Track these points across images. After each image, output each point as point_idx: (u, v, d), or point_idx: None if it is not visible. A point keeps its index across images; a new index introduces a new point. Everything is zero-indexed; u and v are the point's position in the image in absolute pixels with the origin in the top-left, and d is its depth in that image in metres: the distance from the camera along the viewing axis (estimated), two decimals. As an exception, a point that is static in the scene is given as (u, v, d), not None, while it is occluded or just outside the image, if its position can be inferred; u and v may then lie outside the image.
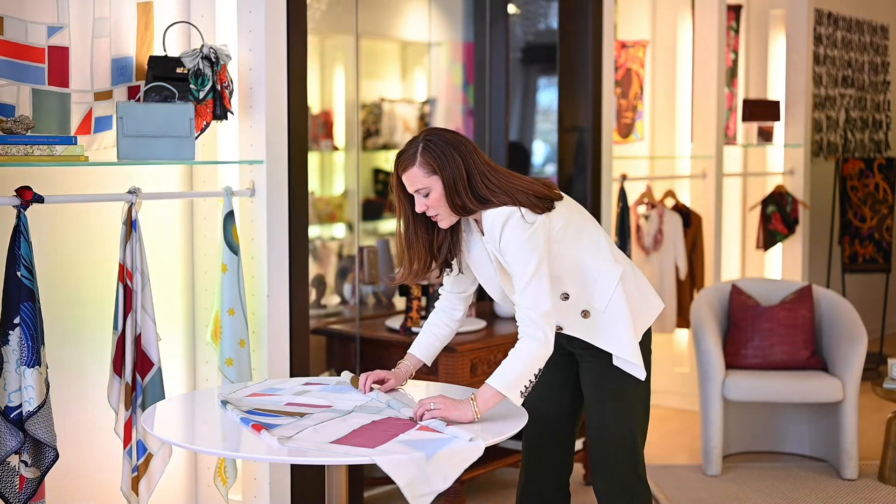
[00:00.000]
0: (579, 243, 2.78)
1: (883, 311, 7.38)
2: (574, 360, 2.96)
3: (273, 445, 2.43)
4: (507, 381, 2.60)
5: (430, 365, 3.01)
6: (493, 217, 2.66)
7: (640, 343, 2.84)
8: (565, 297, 2.78)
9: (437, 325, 2.98)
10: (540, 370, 2.63)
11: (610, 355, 2.83)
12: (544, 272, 2.63)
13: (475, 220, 2.78)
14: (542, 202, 2.69)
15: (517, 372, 2.61)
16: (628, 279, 2.83)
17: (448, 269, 2.88)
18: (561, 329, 2.83)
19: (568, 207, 2.79)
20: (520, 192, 2.68)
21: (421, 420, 2.58)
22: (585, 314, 2.80)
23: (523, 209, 2.65)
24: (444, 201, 2.67)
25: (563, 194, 2.80)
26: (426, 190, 2.67)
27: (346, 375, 3.01)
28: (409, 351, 2.99)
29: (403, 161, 2.69)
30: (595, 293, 2.79)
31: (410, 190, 2.70)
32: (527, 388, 2.62)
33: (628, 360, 2.79)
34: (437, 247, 2.82)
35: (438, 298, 3.01)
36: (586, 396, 2.93)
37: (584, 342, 2.84)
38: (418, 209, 2.70)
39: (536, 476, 3.05)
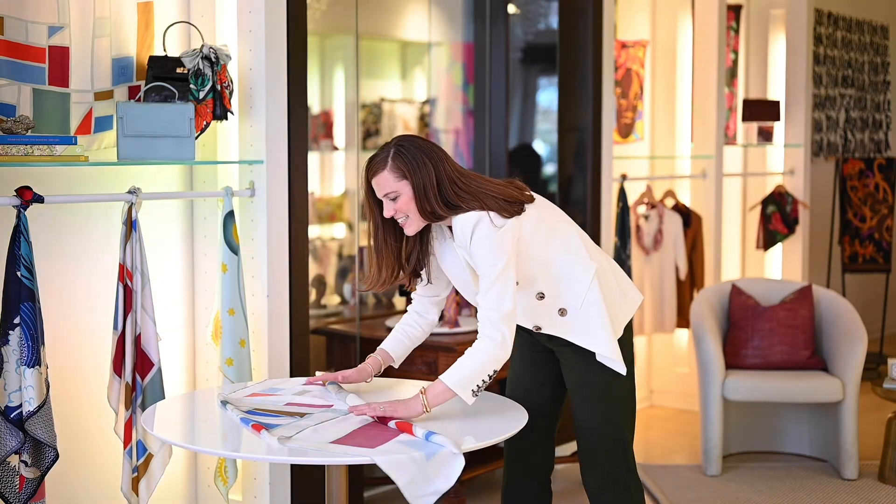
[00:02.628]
0: (552, 243, 2.79)
1: (883, 311, 7.38)
2: (554, 356, 2.97)
3: (273, 445, 2.43)
4: (459, 379, 2.61)
5: (397, 367, 3.00)
6: (463, 223, 2.67)
7: (622, 337, 2.86)
8: (541, 296, 2.80)
9: (410, 325, 2.98)
10: (495, 371, 2.64)
11: (592, 352, 2.84)
12: (510, 275, 2.64)
13: (448, 226, 2.79)
14: (511, 206, 2.70)
15: (470, 371, 2.61)
16: (604, 274, 2.84)
17: (417, 279, 2.89)
18: (540, 329, 2.84)
19: (539, 209, 2.79)
20: (489, 196, 2.69)
21: (375, 418, 2.58)
22: (562, 312, 2.81)
23: (492, 213, 2.66)
24: (414, 206, 2.68)
25: (534, 195, 2.81)
26: (395, 194, 2.68)
27: (318, 374, 3.02)
28: (380, 346, 2.97)
29: (374, 165, 2.71)
30: (570, 291, 2.80)
31: (380, 194, 2.71)
32: (479, 387, 2.62)
33: (607, 356, 2.81)
34: (405, 255, 2.82)
35: (412, 302, 3.01)
36: (571, 394, 2.94)
37: (565, 340, 2.85)
38: (386, 214, 2.71)
39: (519, 474, 3.06)
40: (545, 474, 3.08)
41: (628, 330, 2.91)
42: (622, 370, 2.83)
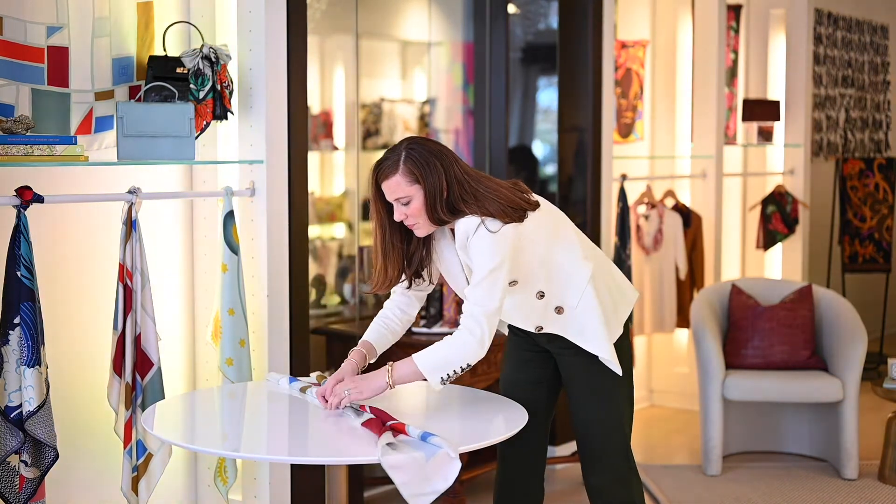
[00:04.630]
0: (554, 243, 2.79)
1: (883, 311, 7.38)
2: (548, 355, 2.97)
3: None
4: (432, 363, 2.61)
5: (374, 361, 2.95)
6: (463, 228, 2.67)
7: (622, 333, 2.87)
8: (541, 295, 2.80)
9: (392, 319, 2.96)
10: (468, 366, 2.63)
11: (587, 356, 2.84)
12: (501, 276, 2.64)
13: (451, 228, 2.79)
14: (514, 212, 2.69)
15: (444, 358, 2.61)
16: (599, 277, 2.84)
17: (419, 280, 2.88)
18: (542, 329, 2.84)
19: (540, 214, 2.78)
20: (493, 201, 2.68)
21: (339, 408, 2.59)
22: (559, 310, 2.81)
23: (487, 220, 2.65)
24: (424, 211, 2.67)
25: (539, 201, 2.80)
26: (407, 199, 2.66)
27: (314, 376, 3.00)
28: (363, 339, 2.95)
29: (385, 169, 2.67)
30: (567, 290, 2.80)
31: (390, 198, 2.68)
32: (449, 376, 2.62)
33: (601, 356, 2.81)
34: (409, 256, 2.82)
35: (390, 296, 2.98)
36: (571, 395, 2.94)
37: (565, 342, 2.85)
38: (397, 218, 2.69)
39: (513, 473, 3.05)
40: (539, 473, 3.08)
41: (626, 326, 2.91)
42: (618, 370, 2.83)
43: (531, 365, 3.00)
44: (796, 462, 4.86)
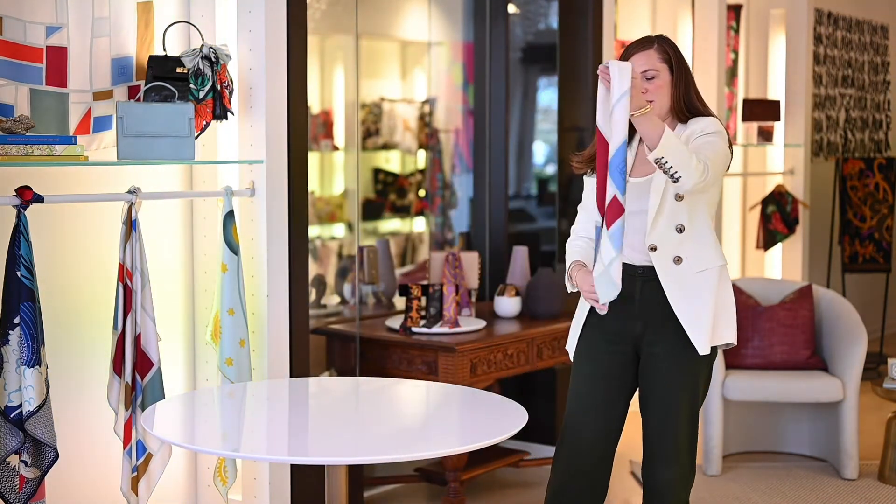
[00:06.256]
0: (713, 214, 2.89)
1: (883, 311, 7.38)
2: (628, 364, 2.92)
3: None
4: (673, 143, 2.63)
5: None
6: (710, 121, 2.83)
7: (710, 354, 2.85)
8: (680, 229, 2.82)
9: (584, 248, 3.00)
10: (680, 177, 2.63)
11: (683, 348, 2.82)
12: (720, 160, 2.75)
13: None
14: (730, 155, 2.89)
15: (678, 151, 2.63)
16: (726, 277, 2.88)
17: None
18: (654, 248, 2.82)
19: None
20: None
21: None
22: (678, 260, 2.82)
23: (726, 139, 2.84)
24: (667, 92, 2.83)
25: None
26: (654, 73, 2.84)
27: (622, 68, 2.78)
28: (574, 260, 2.98)
29: (640, 43, 2.89)
30: (699, 254, 2.83)
31: (638, 69, 2.81)
32: (665, 163, 2.62)
33: (692, 333, 2.79)
34: None
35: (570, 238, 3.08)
36: (656, 389, 2.88)
37: (665, 330, 2.83)
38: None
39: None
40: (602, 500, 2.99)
41: (713, 352, 2.90)
42: (700, 350, 2.81)
43: (609, 379, 2.93)
44: (796, 462, 4.86)
